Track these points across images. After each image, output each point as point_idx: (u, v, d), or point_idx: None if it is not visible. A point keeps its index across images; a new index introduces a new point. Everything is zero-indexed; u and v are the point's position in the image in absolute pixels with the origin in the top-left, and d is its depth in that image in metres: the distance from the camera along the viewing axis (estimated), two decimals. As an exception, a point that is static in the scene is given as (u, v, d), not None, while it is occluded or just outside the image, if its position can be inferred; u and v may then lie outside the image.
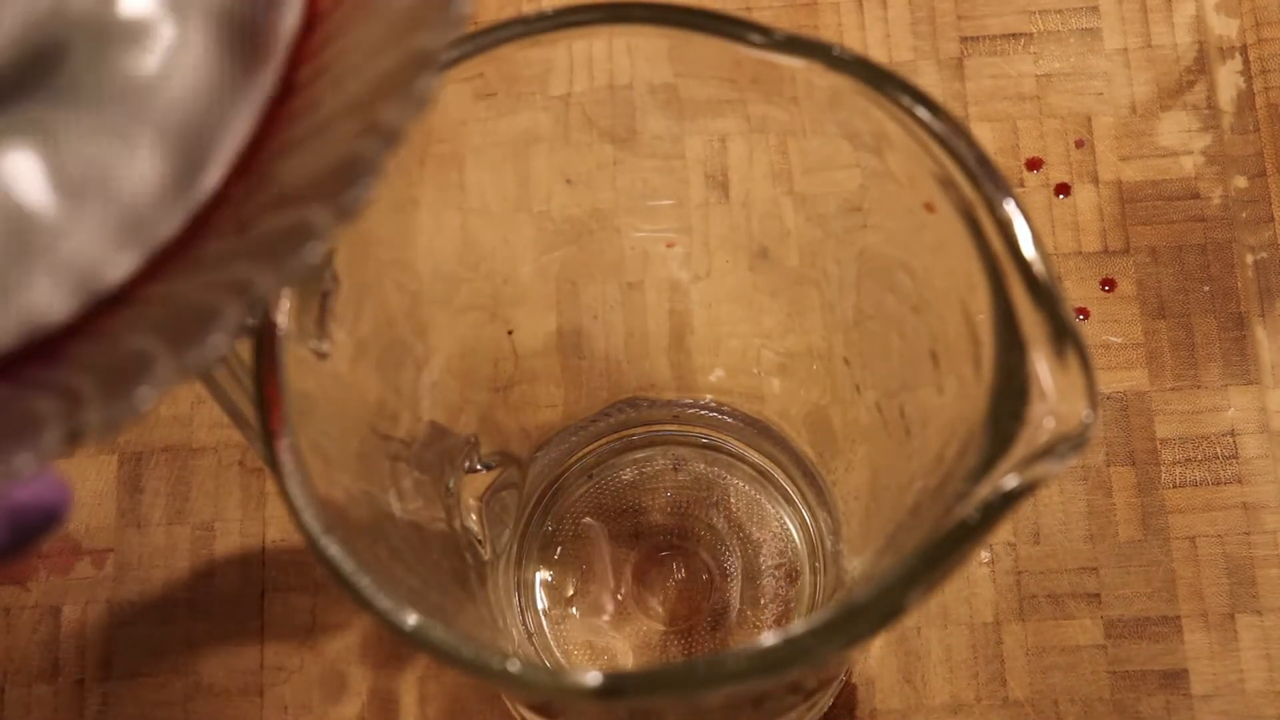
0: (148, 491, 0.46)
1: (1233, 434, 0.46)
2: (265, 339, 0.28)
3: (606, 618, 0.45)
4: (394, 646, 0.45)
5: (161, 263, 0.24)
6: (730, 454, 0.46)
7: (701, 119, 0.36)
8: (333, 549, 0.28)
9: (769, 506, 0.45)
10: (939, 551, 0.27)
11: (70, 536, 0.46)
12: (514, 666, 0.27)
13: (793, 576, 0.45)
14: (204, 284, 0.23)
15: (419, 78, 0.22)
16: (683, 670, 0.27)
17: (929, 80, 0.49)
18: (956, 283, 0.30)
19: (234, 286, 0.22)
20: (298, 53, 0.24)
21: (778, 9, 0.51)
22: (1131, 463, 0.46)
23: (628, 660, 0.44)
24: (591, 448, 0.46)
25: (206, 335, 0.22)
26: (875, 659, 0.45)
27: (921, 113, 0.29)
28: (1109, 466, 0.46)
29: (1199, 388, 0.47)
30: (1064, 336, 0.27)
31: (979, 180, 0.28)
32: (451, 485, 0.40)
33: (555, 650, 0.44)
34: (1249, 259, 0.48)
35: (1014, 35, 0.50)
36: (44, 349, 0.23)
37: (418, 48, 0.23)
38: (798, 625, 0.26)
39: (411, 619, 0.28)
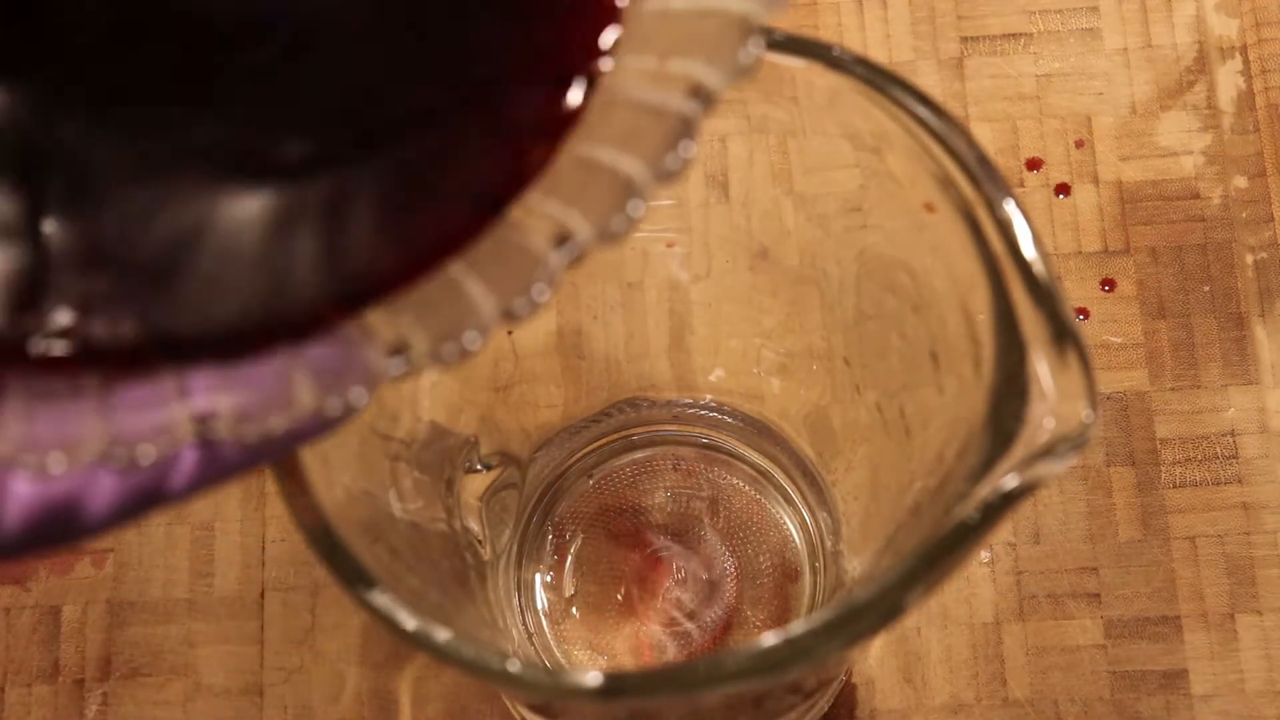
0: (148, 491, 0.46)
1: (1233, 434, 0.46)
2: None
3: (606, 618, 0.45)
4: (393, 646, 0.45)
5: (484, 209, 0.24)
6: (730, 454, 0.46)
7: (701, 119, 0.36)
8: (333, 549, 0.28)
9: (769, 507, 0.45)
10: (939, 551, 0.27)
11: (70, 536, 0.46)
12: (514, 666, 0.27)
13: (793, 576, 0.45)
14: (524, 231, 0.23)
15: (742, 44, 0.23)
16: (682, 670, 0.27)
17: (929, 80, 0.49)
18: (957, 283, 0.30)
19: (555, 236, 0.23)
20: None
21: (778, 9, 0.51)
22: (1131, 463, 0.46)
23: (628, 660, 0.44)
24: (591, 448, 0.46)
25: (531, 283, 0.22)
26: (875, 659, 0.45)
27: (921, 112, 0.29)
28: (1109, 466, 0.46)
29: (1199, 388, 0.47)
30: (1064, 337, 0.27)
31: (979, 180, 0.28)
32: (452, 485, 0.40)
33: (555, 650, 0.44)
34: (1249, 259, 0.48)
35: (1014, 35, 0.50)
36: (374, 292, 0.24)
37: (740, 14, 0.23)
38: (797, 625, 0.26)
39: (412, 619, 0.28)
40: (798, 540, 0.45)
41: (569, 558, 0.45)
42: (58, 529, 0.23)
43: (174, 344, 0.24)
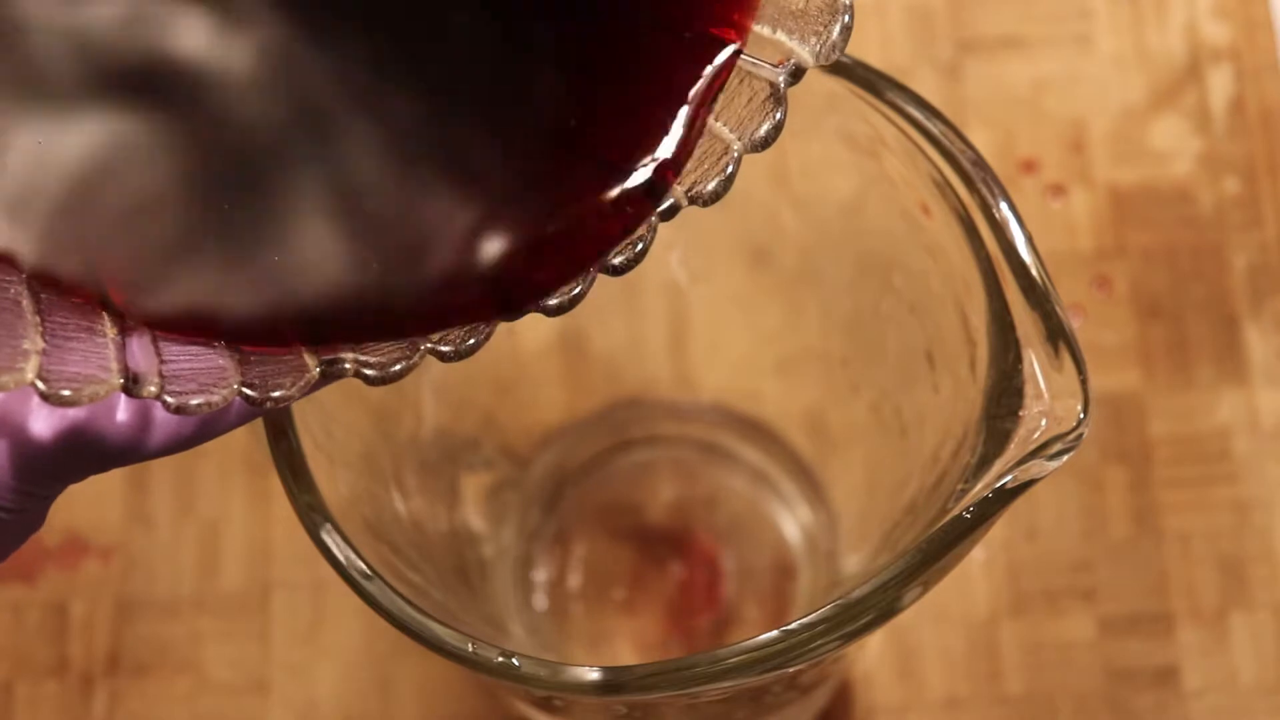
0: (154, 490, 0.47)
1: (1224, 433, 0.47)
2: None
3: (607, 615, 0.45)
4: (397, 642, 0.45)
5: None
6: (729, 454, 0.46)
7: (701, 122, 0.36)
8: (337, 546, 0.28)
9: (767, 505, 0.46)
10: (935, 549, 0.27)
11: (77, 534, 0.46)
12: (515, 662, 0.27)
13: (790, 574, 0.45)
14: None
15: (831, 22, 0.24)
16: (681, 665, 0.27)
17: (925, 84, 0.50)
18: (952, 284, 0.30)
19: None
20: None
21: (775, 13, 0.51)
22: (1125, 461, 0.46)
23: (628, 656, 0.44)
24: (592, 447, 0.46)
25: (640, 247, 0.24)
26: (872, 655, 0.45)
27: (918, 116, 0.29)
28: (1103, 465, 0.46)
29: (1191, 388, 0.47)
30: (1058, 337, 0.28)
31: (974, 183, 0.29)
32: (454, 485, 0.41)
33: (556, 646, 0.44)
34: (1240, 261, 0.48)
35: (1009, 40, 0.51)
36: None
37: None
38: (795, 622, 0.27)
39: (415, 616, 0.28)
40: (795, 539, 0.45)
41: (569, 556, 0.45)
42: (194, 441, 0.26)
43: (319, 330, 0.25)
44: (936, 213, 0.30)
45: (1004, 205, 0.29)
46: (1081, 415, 0.27)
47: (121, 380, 0.22)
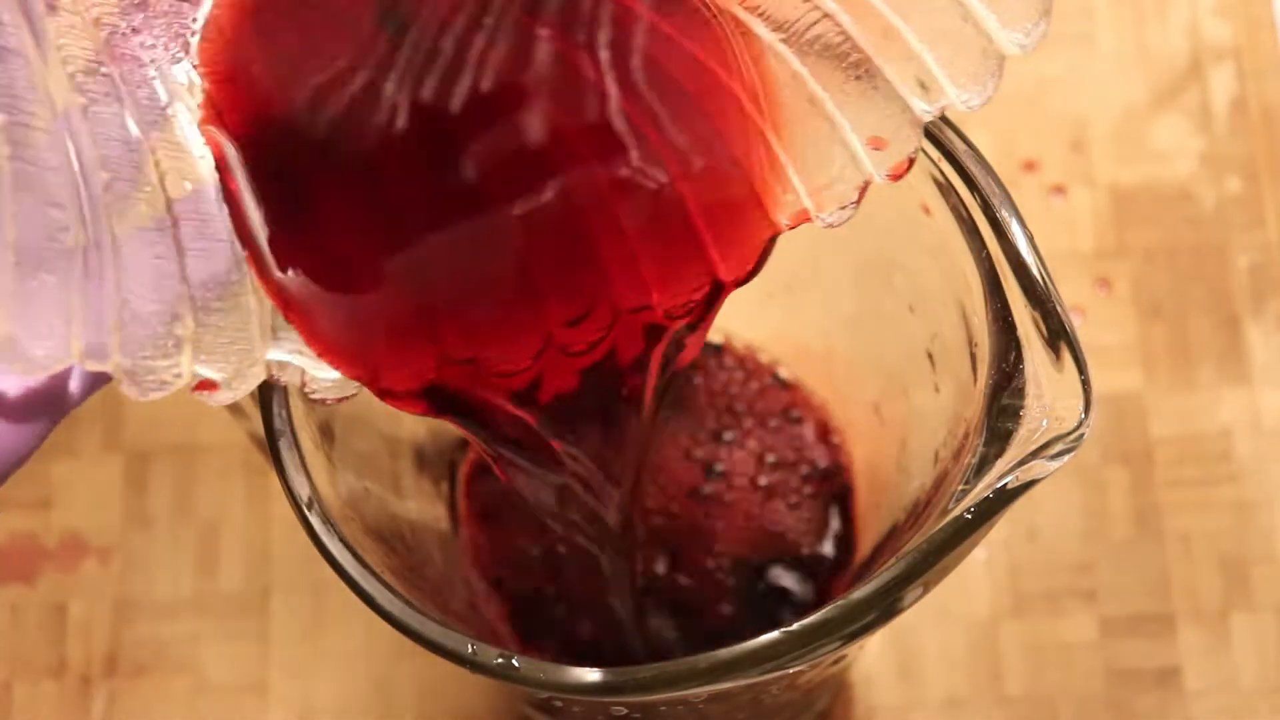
0: (153, 490, 0.47)
1: (1226, 434, 0.47)
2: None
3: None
4: (397, 643, 0.45)
5: None
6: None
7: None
8: (336, 547, 0.28)
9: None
10: (936, 549, 0.27)
11: (76, 535, 0.46)
12: (515, 663, 0.27)
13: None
14: None
15: (986, 70, 0.26)
16: (682, 666, 0.27)
17: (926, 83, 0.50)
18: (953, 284, 0.30)
19: None
20: None
21: (776, 12, 0.51)
22: (1126, 462, 0.46)
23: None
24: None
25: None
26: (873, 656, 0.45)
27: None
28: (1104, 465, 0.46)
29: (1193, 388, 0.47)
30: (1060, 337, 0.27)
31: (975, 182, 0.29)
32: (452, 483, 0.41)
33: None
34: (1242, 260, 0.48)
35: (1010, 38, 0.50)
36: None
37: (990, 32, 0.26)
38: (796, 623, 0.27)
39: (413, 616, 0.28)
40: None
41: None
42: None
43: None
44: (937, 212, 0.30)
45: (1005, 205, 0.29)
46: (1083, 415, 0.27)
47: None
